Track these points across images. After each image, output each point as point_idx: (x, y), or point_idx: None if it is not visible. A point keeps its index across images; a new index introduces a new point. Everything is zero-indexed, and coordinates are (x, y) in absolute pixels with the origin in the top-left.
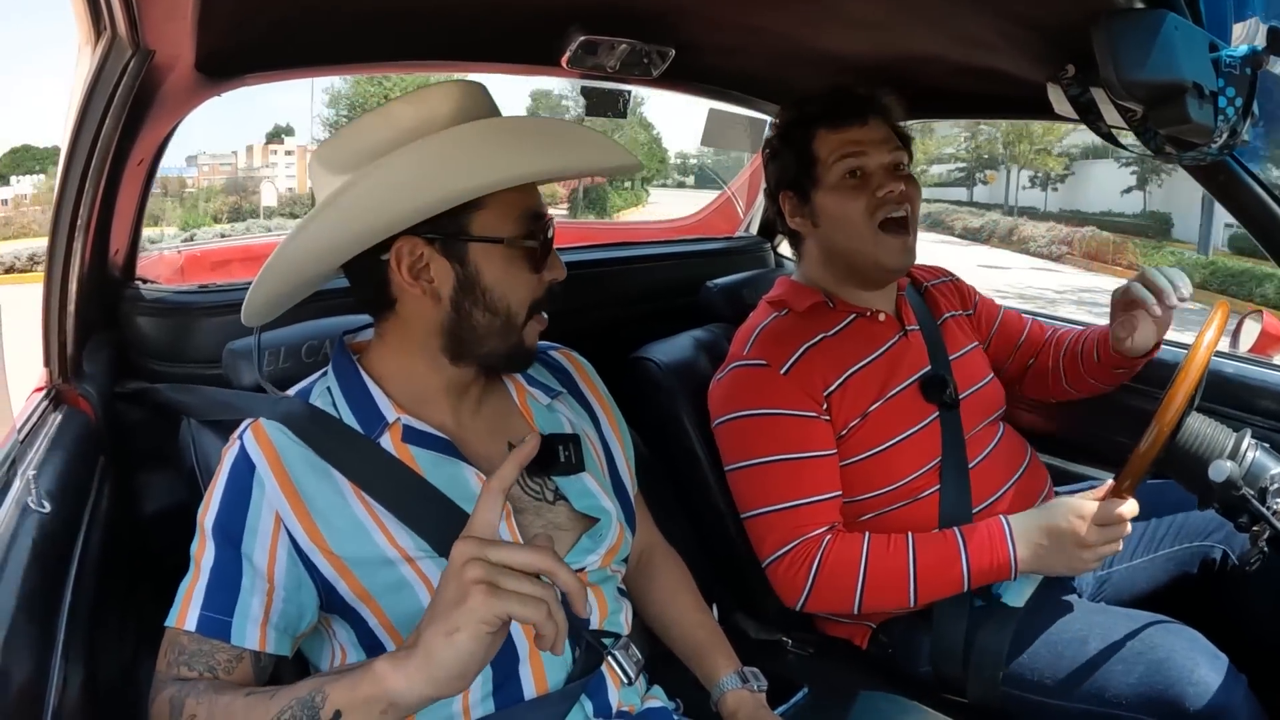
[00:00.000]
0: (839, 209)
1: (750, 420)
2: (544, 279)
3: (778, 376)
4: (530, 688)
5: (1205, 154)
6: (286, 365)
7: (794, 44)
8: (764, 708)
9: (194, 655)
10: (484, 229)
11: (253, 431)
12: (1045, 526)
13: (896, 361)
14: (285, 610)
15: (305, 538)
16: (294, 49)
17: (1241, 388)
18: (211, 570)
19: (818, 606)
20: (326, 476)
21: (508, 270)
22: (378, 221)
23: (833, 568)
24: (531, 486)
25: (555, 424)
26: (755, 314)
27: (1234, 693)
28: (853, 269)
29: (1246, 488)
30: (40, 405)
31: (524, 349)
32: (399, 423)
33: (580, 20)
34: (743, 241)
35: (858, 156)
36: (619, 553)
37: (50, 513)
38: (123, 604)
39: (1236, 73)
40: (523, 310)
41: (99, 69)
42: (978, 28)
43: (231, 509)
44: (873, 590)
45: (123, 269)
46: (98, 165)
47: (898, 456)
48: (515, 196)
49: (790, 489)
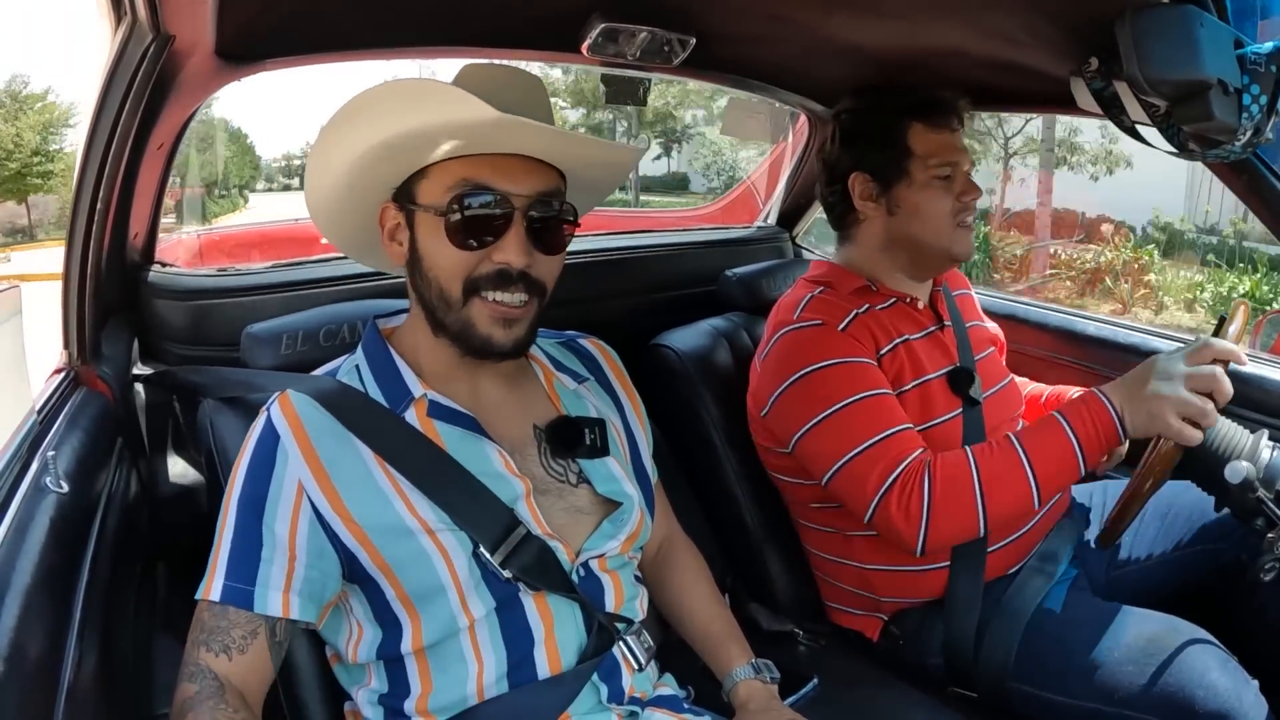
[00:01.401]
0: (928, 205)
1: (813, 376)
2: (491, 259)
3: (835, 333)
4: (544, 667)
5: (1229, 151)
6: (305, 349)
7: (817, 35)
8: (775, 699)
9: (212, 633)
10: (422, 196)
11: (279, 403)
12: (1131, 374)
13: (932, 349)
14: (309, 576)
15: (328, 506)
16: (314, 35)
17: (1259, 389)
18: (232, 540)
19: (940, 535)
20: (350, 446)
21: (435, 242)
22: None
23: (947, 481)
24: (555, 468)
25: (581, 408)
26: (795, 290)
27: (1244, 697)
28: (916, 257)
29: (1263, 489)
30: (59, 386)
31: (474, 333)
32: (425, 398)
33: (601, 8)
34: (762, 231)
35: (952, 163)
36: (639, 539)
37: (68, 493)
38: (138, 584)
39: (1262, 70)
40: (452, 287)
41: (119, 54)
42: (1003, 21)
43: (255, 480)
44: (994, 495)
45: (142, 252)
46: (118, 149)
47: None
48: (453, 166)
49: (877, 422)
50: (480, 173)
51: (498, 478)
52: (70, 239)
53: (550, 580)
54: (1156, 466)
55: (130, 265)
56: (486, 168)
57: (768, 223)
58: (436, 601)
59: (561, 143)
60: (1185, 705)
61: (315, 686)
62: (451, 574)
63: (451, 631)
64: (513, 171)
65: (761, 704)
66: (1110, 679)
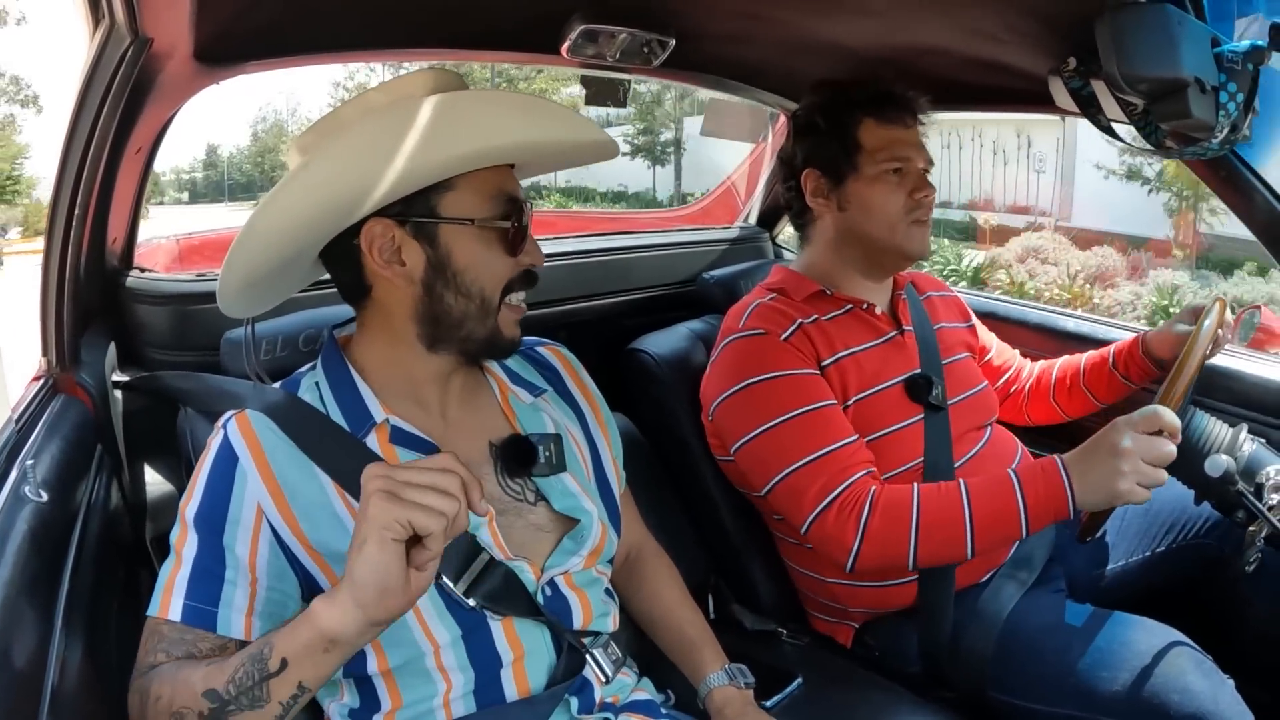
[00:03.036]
0: (878, 201)
1: (756, 387)
2: (520, 263)
3: (778, 343)
4: (512, 690)
5: (1206, 149)
6: (283, 355)
7: (796, 33)
8: (751, 704)
9: (175, 643)
10: (454, 209)
11: (237, 422)
12: (1087, 445)
13: (887, 358)
14: (269, 598)
15: (286, 529)
16: (292, 37)
17: (1238, 383)
18: (195, 560)
19: (870, 559)
20: (308, 471)
21: (480, 252)
22: (336, 195)
23: (885, 512)
24: (512, 487)
25: (538, 423)
26: (749, 296)
27: (1221, 698)
28: (869, 254)
29: (1243, 482)
30: (38, 394)
31: (502, 336)
32: (387, 424)
33: (580, 9)
34: (741, 232)
35: (903, 159)
36: (603, 554)
37: (48, 501)
38: (120, 592)
39: (1239, 68)
40: (496, 294)
41: (97, 56)
42: (982, 19)
43: (214, 499)
44: (927, 538)
45: (121, 257)
46: (96, 153)
47: (878, 452)
48: (487, 176)
49: (820, 437)
50: (506, 180)
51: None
52: (48, 244)
53: (516, 606)
54: None
55: (109, 270)
56: (503, 175)
57: (748, 223)
58: (398, 630)
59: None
60: (1161, 709)
61: None
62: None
63: (416, 655)
64: (511, 176)
65: (737, 710)
66: (1086, 685)
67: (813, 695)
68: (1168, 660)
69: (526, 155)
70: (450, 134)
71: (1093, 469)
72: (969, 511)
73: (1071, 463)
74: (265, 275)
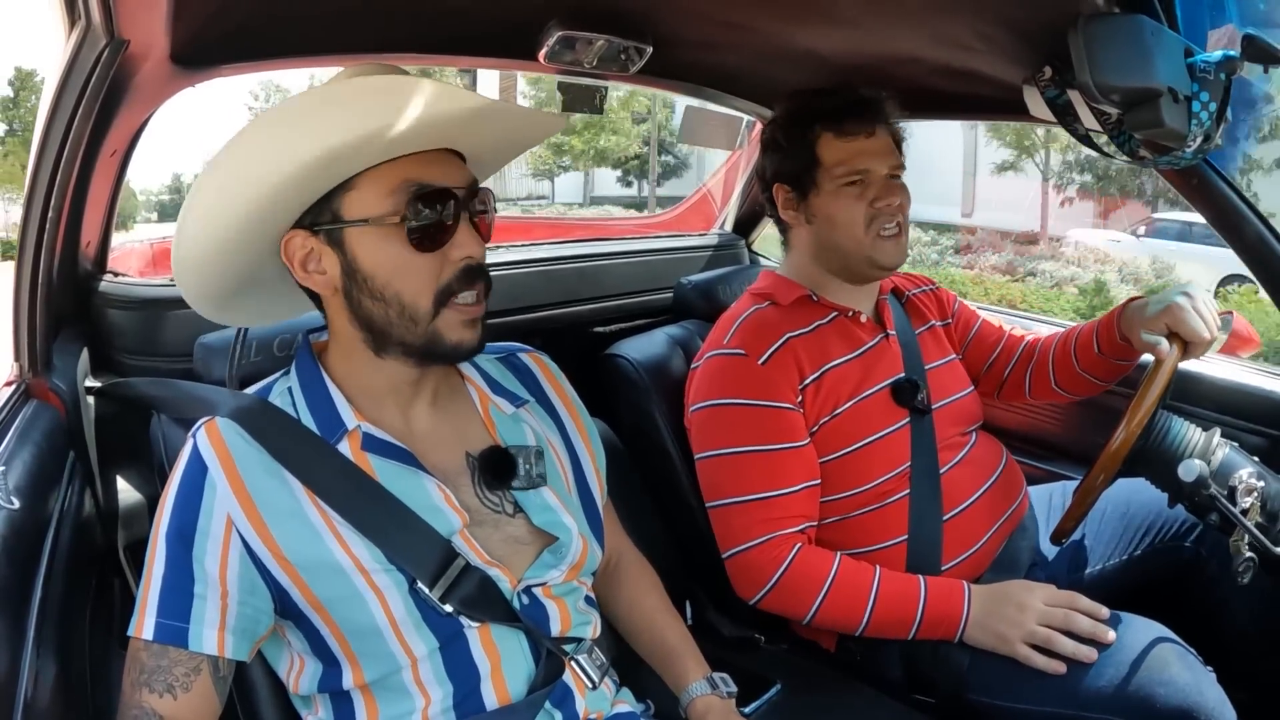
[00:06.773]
0: (840, 214)
1: (725, 409)
2: (450, 259)
3: (755, 366)
4: (492, 699)
5: (1180, 158)
6: (258, 360)
7: (773, 41)
8: (733, 713)
9: (153, 673)
10: (353, 210)
11: (206, 431)
12: (1000, 587)
13: (872, 364)
14: (241, 613)
15: (258, 541)
16: (269, 40)
17: (1211, 387)
18: (164, 576)
19: (772, 606)
20: (280, 478)
21: (386, 254)
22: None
23: (800, 572)
24: (491, 499)
25: (518, 435)
26: (739, 304)
27: (1204, 690)
28: (843, 265)
29: (1216, 486)
30: (10, 399)
31: (443, 341)
32: (359, 430)
33: (558, 16)
34: (717, 238)
35: (862, 170)
36: (584, 567)
37: (19, 509)
38: (93, 600)
39: (1211, 78)
40: (421, 298)
41: (73, 58)
42: (957, 28)
43: (184, 512)
44: (830, 606)
45: (94, 261)
46: (70, 156)
47: (867, 459)
48: (387, 170)
49: (765, 480)
50: (420, 172)
51: (434, 511)
52: (21, 248)
53: (493, 611)
54: (1108, 463)
55: (82, 274)
56: (420, 166)
57: (723, 229)
58: (373, 642)
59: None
60: (1146, 702)
61: (272, 706)
62: (388, 615)
63: (393, 669)
64: (444, 166)
65: (719, 718)
66: (1070, 682)
67: (792, 701)
68: (1152, 654)
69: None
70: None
71: (993, 612)
72: (874, 599)
73: (977, 596)
74: (235, 288)
